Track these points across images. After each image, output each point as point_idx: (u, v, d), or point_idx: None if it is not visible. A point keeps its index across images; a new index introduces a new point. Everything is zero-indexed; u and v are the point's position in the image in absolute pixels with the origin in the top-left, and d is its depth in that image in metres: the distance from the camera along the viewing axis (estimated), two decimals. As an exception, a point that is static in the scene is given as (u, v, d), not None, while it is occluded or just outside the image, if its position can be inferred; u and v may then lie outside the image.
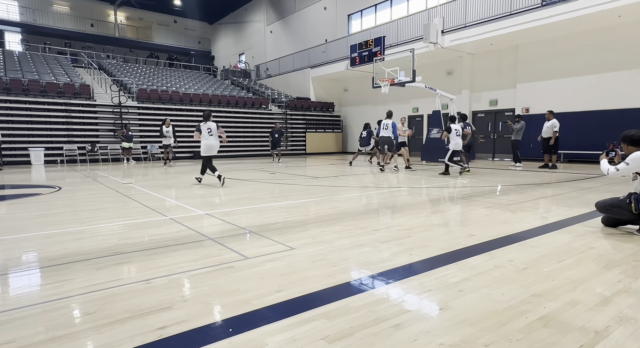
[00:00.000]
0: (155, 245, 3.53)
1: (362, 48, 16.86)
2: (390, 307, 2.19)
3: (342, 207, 5.51)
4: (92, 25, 29.77)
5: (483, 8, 14.32)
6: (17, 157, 14.35)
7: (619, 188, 6.69)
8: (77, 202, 6.11)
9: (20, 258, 3.26)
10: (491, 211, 5.02)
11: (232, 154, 19.12)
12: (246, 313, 2.13)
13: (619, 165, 3.79)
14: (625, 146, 3.81)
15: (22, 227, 4.37)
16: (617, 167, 3.79)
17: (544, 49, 14.09)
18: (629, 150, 3.77)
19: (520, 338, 1.84)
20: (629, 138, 3.76)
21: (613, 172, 3.83)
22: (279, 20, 27.56)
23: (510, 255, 3.15)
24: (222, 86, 23.55)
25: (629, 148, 3.77)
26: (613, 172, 3.83)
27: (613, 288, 2.45)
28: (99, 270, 2.86)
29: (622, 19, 11.74)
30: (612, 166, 3.87)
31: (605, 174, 3.94)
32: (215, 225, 4.39)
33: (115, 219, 4.78)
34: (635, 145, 3.73)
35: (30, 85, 15.11)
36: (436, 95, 14.35)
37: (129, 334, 1.91)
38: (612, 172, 3.85)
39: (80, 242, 3.69)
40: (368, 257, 3.15)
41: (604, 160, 4.10)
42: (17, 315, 2.15)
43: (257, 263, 3.00)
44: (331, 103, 23.42)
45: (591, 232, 3.91)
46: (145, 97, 17.67)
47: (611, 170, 3.86)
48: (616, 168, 3.80)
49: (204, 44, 36.04)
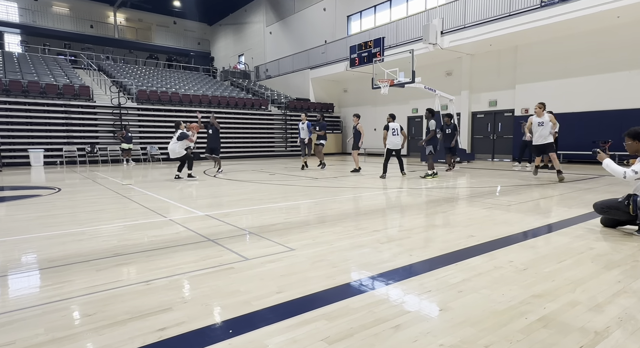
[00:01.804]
0: (155, 247, 3.53)
1: (361, 49, 16.89)
2: (390, 308, 2.19)
3: (342, 208, 5.51)
4: (92, 26, 29.79)
5: (482, 9, 14.35)
6: (16, 158, 14.33)
7: (619, 189, 6.69)
8: (77, 204, 6.10)
9: (19, 259, 3.26)
10: (491, 212, 5.02)
11: (233, 155, 19.12)
12: (246, 315, 2.13)
13: (634, 166, 3.65)
14: (634, 142, 3.71)
15: (22, 229, 4.36)
16: (635, 169, 3.61)
17: (543, 50, 14.11)
18: (636, 146, 3.70)
19: (521, 338, 1.84)
20: (637, 133, 3.68)
21: (631, 175, 3.63)
22: (279, 21, 27.59)
23: (510, 255, 3.15)
24: (221, 87, 23.56)
25: (637, 144, 3.70)
26: (631, 176, 3.63)
27: (613, 288, 2.45)
28: (99, 272, 2.86)
29: (621, 20, 11.77)
30: (628, 168, 3.68)
31: (621, 177, 3.73)
32: (215, 226, 4.39)
33: (115, 220, 4.78)
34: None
35: (29, 86, 15.10)
36: (436, 96, 14.36)
37: (129, 336, 1.91)
38: (630, 175, 3.64)
39: (80, 243, 3.69)
40: (368, 257, 3.15)
41: (609, 160, 3.90)
42: (17, 316, 2.15)
43: (257, 264, 3.00)
44: (331, 104, 23.43)
45: (591, 232, 3.91)
46: (145, 98, 17.67)
47: (629, 173, 3.64)
48: (633, 170, 3.61)
49: (203, 45, 36.07)
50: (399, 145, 9.48)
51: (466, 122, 16.71)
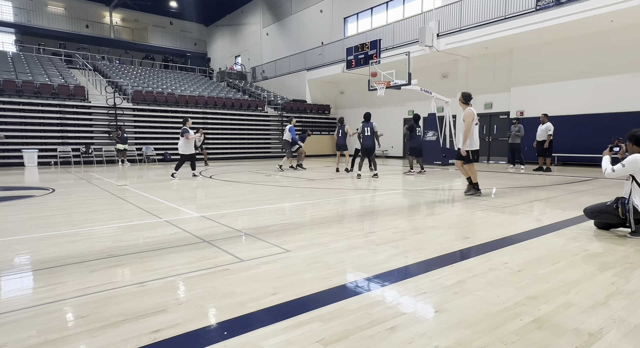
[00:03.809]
0: (149, 248, 3.51)
1: (358, 51, 16.92)
2: (385, 310, 2.19)
3: (337, 209, 5.51)
4: (87, 26, 29.63)
5: (478, 12, 14.45)
6: (10, 158, 14.21)
7: (613, 191, 6.75)
8: (71, 204, 6.06)
9: (12, 260, 3.22)
10: (486, 214, 5.05)
11: (228, 156, 19.08)
12: (241, 316, 2.12)
13: (615, 166, 3.78)
14: (630, 145, 3.78)
15: (15, 230, 4.32)
16: (614, 168, 3.78)
17: (538, 53, 14.22)
18: (633, 149, 3.75)
19: (515, 340, 1.85)
20: (635, 137, 3.73)
21: (609, 172, 3.83)
22: (275, 23, 27.60)
23: (505, 257, 3.16)
24: (217, 88, 23.51)
25: (633, 147, 3.76)
26: (609, 173, 3.83)
27: (606, 290, 2.46)
28: (93, 273, 2.84)
29: (614, 24, 11.89)
30: (610, 166, 3.85)
31: (603, 172, 3.93)
32: (210, 227, 4.37)
33: (109, 221, 4.75)
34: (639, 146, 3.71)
35: (23, 86, 14.99)
36: (432, 98, 14.41)
37: (123, 338, 1.89)
38: (608, 172, 3.85)
39: (73, 244, 3.66)
40: (363, 259, 3.15)
41: (606, 157, 4.04)
42: (9, 318, 2.12)
43: (253, 265, 2.99)
44: (327, 105, 23.46)
45: (584, 234, 3.94)
46: (141, 98, 17.59)
47: (608, 171, 3.85)
48: (612, 168, 3.80)
49: (200, 45, 35.99)
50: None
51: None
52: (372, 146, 9.84)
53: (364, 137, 9.85)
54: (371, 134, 9.75)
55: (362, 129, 9.93)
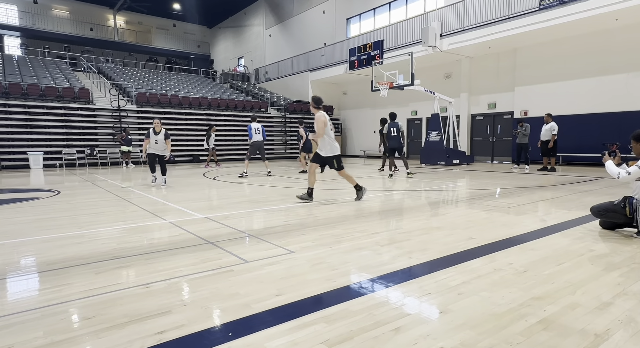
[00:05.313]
0: (154, 249, 3.52)
1: (360, 51, 16.92)
2: (390, 311, 2.19)
3: (341, 210, 5.51)
4: (92, 29, 29.86)
5: (481, 12, 14.41)
6: (15, 161, 14.33)
7: (618, 191, 6.70)
8: (76, 206, 6.10)
9: (18, 262, 3.25)
10: (490, 214, 5.02)
11: (232, 157, 19.12)
12: (246, 317, 2.13)
13: (630, 168, 3.64)
14: (637, 145, 3.71)
15: (21, 232, 4.35)
16: (629, 171, 3.62)
17: (542, 52, 14.15)
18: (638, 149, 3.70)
19: (521, 341, 1.84)
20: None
21: (625, 176, 3.66)
22: (278, 24, 27.66)
23: (510, 258, 3.15)
24: (221, 90, 23.58)
25: (638, 147, 3.70)
26: (625, 176, 3.66)
27: (613, 291, 2.45)
28: (98, 275, 2.85)
29: (619, 23, 11.82)
30: (623, 169, 3.71)
31: (615, 177, 3.77)
32: (214, 228, 4.38)
33: (114, 223, 4.77)
34: None
35: (29, 89, 15.11)
36: (435, 98, 14.39)
37: (128, 339, 1.90)
38: (623, 175, 3.67)
39: (79, 246, 3.68)
40: (367, 260, 3.15)
41: (610, 162, 3.93)
42: (16, 320, 2.14)
43: (257, 267, 2.99)
44: (330, 106, 23.44)
45: (590, 234, 3.91)
46: (145, 100, 17.68)
47: (622, 174, 3.68)
48: (627, 171, 3.63)
49: (203, 47, 36.13)
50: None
51: (465, 124, 16.75)
52: (399, 146, 10.03)
53: (390, 137, 9.85)
54: (397, 134, 9.81)
55: (387, 129, 9.94)
